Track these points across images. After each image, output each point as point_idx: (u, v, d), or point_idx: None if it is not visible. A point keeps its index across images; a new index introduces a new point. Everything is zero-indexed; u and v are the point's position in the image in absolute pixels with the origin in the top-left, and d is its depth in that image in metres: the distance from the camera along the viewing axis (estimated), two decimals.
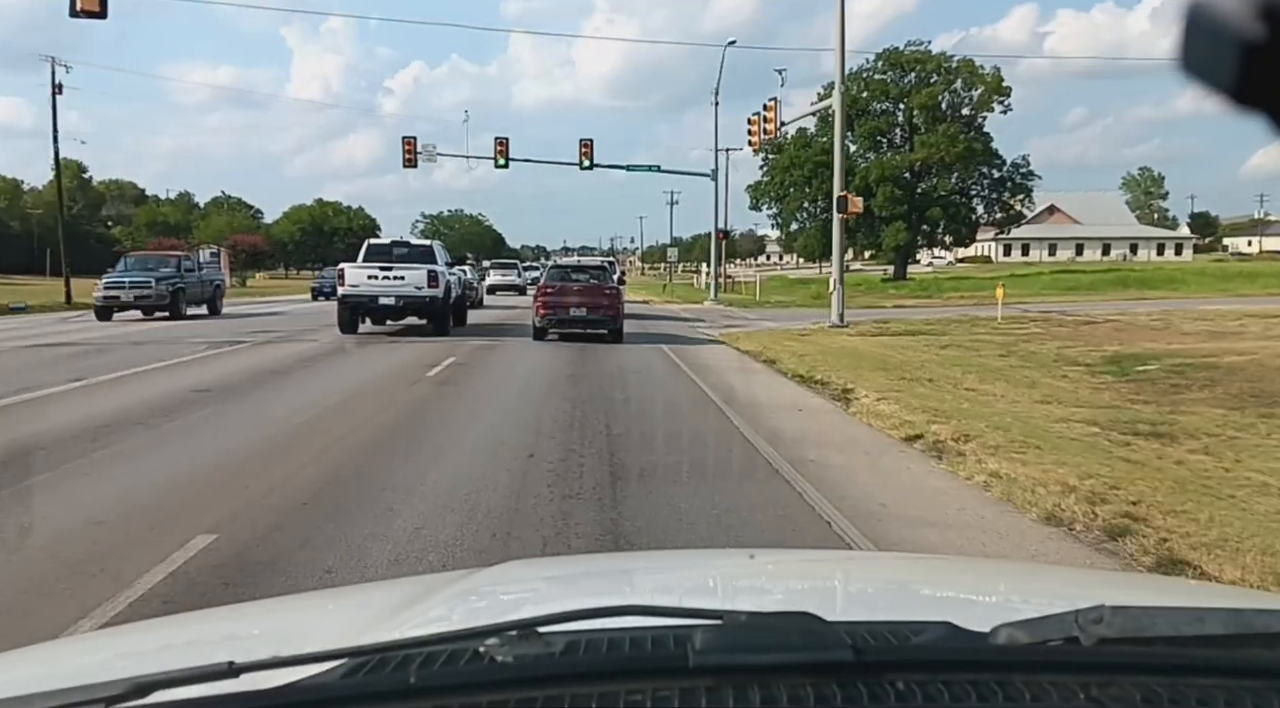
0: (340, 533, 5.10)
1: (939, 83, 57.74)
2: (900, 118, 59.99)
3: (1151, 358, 14.73)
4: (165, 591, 4.25)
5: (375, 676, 0.93)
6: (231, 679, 0.86)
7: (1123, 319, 24.47)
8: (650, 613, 1.01)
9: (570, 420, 9.08)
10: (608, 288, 18.40)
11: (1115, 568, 4.75)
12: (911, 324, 23.69)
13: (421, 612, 1.48)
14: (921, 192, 58.37)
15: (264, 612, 1.94)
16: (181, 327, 22.17)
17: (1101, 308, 29.54)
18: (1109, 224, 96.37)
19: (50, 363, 14.10)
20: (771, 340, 18.64)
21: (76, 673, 1.10)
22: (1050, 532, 5.44)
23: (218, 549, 4.81)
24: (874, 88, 58.93)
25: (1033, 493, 6.05)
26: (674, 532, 5.29)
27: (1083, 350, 16.43)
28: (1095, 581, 2.68)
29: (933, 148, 55.88)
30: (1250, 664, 0.96)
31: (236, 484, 6.27)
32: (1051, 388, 11.88)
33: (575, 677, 0.92)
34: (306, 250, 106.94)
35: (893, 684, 0.89)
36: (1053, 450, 7.44)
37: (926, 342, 18.84)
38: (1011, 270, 63.95)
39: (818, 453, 7.74)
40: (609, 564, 2.68)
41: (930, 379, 12.47)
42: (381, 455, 7.39)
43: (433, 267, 19.06)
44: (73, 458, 7.04)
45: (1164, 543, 4.98)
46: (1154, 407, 10.21)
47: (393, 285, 18.50)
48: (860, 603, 1.70)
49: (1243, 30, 0.53)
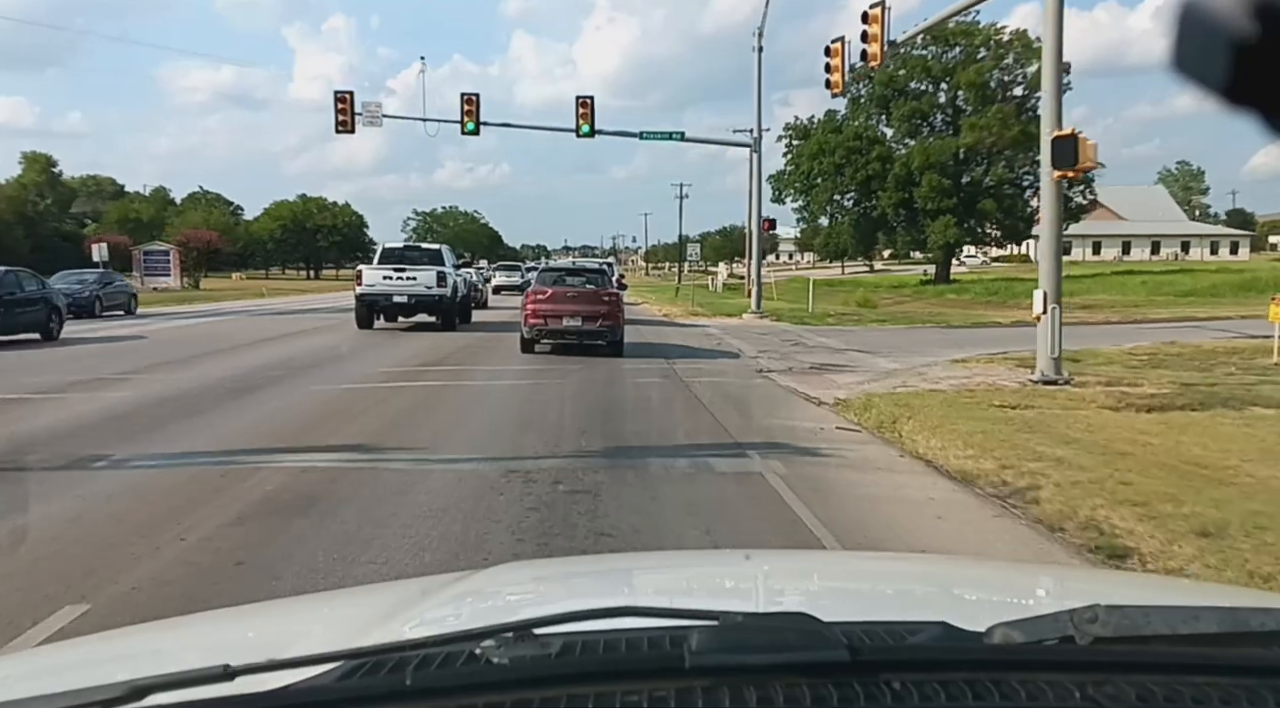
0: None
1: (988, 58, 50.58)
2: (943, 98, 53.18)
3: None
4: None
5: (371, 678, 0.93)
6: (227, 683, 0.86)
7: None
8: (646, 614, 1.01)
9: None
10: (606, 294, 16.37)
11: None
12: (1165, 368, 13.79)
13: (417, 614, 1.48)
14: (969, 181, 51.56)
15: (260, 615, 1.93)
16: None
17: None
18: (1156, 220, 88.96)
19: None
20: (972, 428, 8.49)
21: (72, 677, 1.10)
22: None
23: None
24: (912, 65, 51.62)
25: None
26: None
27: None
28: (1090, 580, 2.69)
29: (982, 131, 48.90)
30: (1245, 663, 0.97)
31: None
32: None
33: (571, 678, 0.92)
34: (289, 249, 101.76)
35: (888, 684, 0.89)
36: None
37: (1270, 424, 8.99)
38: (1069, 270, 56.24)
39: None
40: (605, 565, 2.68)
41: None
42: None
43: (441, 268, 20.85)
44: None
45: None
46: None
47: (405, 285, 20.33)
48: (856, 603, 1.70)
49: (1236, 29, 0.53)
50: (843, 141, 52.58)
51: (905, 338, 20.91)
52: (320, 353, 16.41)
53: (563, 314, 15.75)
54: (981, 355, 15.41)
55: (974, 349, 16.37)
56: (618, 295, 16.81)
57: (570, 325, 15.70)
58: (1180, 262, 72.01)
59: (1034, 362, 12.70)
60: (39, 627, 3.85)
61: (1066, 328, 12.68)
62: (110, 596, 4.26)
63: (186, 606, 3.92)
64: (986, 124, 48.84)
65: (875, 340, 19.91)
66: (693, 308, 32.96)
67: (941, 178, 49.88)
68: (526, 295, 16.44)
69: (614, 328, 15.92)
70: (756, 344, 18.74)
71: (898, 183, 52.24)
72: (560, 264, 22.03)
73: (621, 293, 17.57)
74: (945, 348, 17.32)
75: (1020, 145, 48.57)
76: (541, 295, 16.05)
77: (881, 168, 53.23)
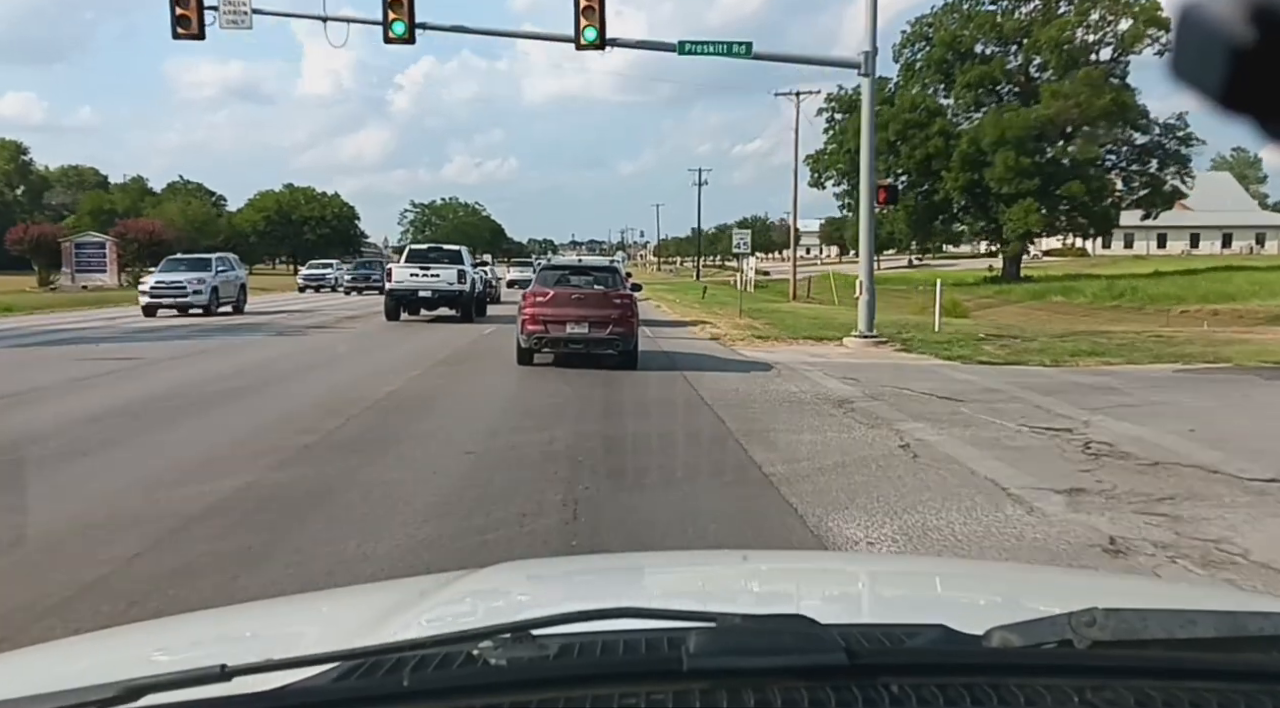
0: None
1: (1071, 13, 43.47)
2: (1016, 62, 45.93)
3: None
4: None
5: (368, 679, 0.93)
6: (223, 683, 0.86)
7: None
8: (644, 615, 1.01)
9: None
10: (617, 295, 14.32)
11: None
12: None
13: (415, 614, 1.48)
14: (1049, 160, 43.71)
15: (256, 614, 1.93)
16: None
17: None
18: (1225, 210, 79.95)
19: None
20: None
21: (68, 677, 1.10)
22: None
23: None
24: (979, 23, 44.84)
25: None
26: None
27: None
28: (1088, 582, 2.69)
29: (1065, 100, 41.50)
30: (1244, 668, 0.97)
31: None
32: None
33: (569, 680, 0.92)
34: (274, 241, 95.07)
35: (886, 688, 0.89)
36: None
37: None
38: (1141, 266, 45.10)
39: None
40: (603, 566, 2.68)
41: None
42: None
43: (461, 267, 23.42)
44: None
45: None
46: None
47: (429, 281, 22.82)
48: (854, 606, 1.70)
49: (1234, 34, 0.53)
50: (896, 114, 43.89)
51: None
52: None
53: (566, 319, 13.60)
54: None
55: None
56: (630, 298, 14.66)
57: (575, 333, 13.56)
58: (1260, 255, 63.70)
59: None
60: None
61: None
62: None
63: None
64: (1071, 92, 41.46)
65: (1229, 423, 9.55)
66: (744, 322, 22.99)
67: (1019, 156, 41.98)
68: (524, 298, 14.34)
69: (626, 336, 13.84)
70: (996, 452, 7.90)
71: (965, 162, 44.23)
72: (564, 261, 19.91)
73: (635, 294, 15.25)
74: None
75: (1110, 116, 41.92)
76: (542, 298, 13.91)
77: (944, 145, 45.08)
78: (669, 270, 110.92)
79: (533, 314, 13.69)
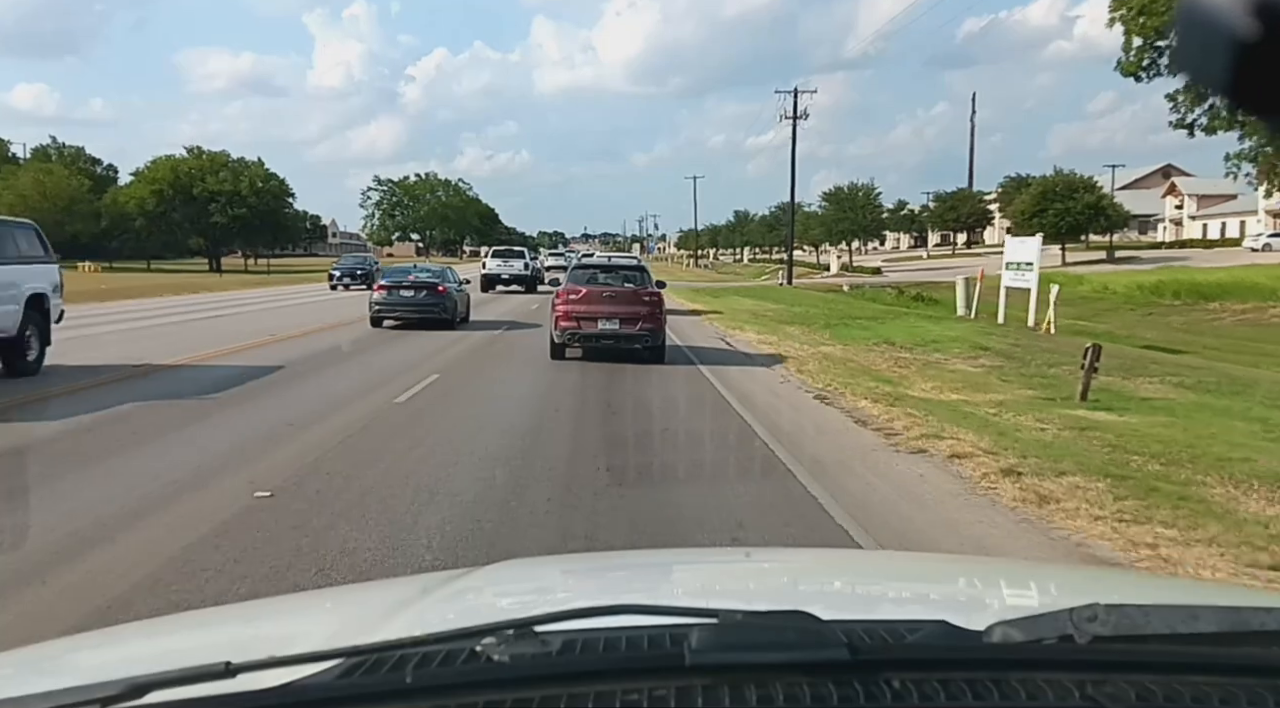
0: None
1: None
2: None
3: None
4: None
5: (371, 676, 0.93)
6: (228, 679, 0.86)
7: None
8: (646, 612, 1.01)
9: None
10: (647, 293, 15.12)
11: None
12: None
13: (418, 611, 1.48)
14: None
15: (260, 612, 1.93)
16: None
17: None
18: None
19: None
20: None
21: (72, 673, 1.10)
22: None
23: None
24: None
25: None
26: None
27: None
28: (1089, 578, 2.69)
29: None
30: (1244, 662, 0.97)
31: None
32: None
33: (572, 676, 0.92)
34: (170, 226, 71.24)
35: (888, 683, 0.89)
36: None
37: None
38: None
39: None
40: (605, 563, 2.68)
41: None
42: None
43: (526, 260, 39.40)
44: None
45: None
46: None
47: (507, 268, 38.08)
48: (856, 602, 1.70)
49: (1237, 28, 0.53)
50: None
51: None
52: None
53: (598, 316, 14.37)
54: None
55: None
56: (659, 295, 15.41)
57: (606, 329, 14.34)
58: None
59: None
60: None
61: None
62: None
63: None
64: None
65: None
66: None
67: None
68: (556, 295, 15.13)
69: (655, 331, 14.65)
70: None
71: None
72: (595, 260, 19.65)
73: (661, 291, 15.86)
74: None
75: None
76: (575, 295, 14.69)
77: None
78: (704, 266, 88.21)
79: (565, 311, 14.29)
